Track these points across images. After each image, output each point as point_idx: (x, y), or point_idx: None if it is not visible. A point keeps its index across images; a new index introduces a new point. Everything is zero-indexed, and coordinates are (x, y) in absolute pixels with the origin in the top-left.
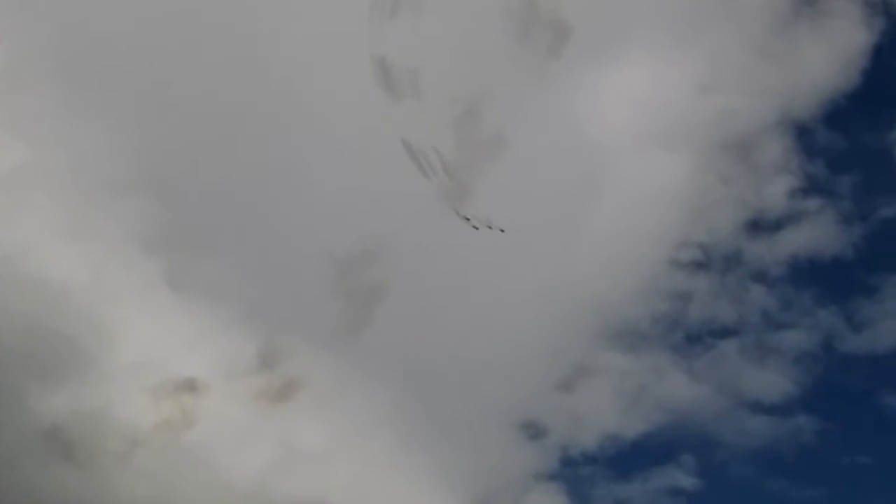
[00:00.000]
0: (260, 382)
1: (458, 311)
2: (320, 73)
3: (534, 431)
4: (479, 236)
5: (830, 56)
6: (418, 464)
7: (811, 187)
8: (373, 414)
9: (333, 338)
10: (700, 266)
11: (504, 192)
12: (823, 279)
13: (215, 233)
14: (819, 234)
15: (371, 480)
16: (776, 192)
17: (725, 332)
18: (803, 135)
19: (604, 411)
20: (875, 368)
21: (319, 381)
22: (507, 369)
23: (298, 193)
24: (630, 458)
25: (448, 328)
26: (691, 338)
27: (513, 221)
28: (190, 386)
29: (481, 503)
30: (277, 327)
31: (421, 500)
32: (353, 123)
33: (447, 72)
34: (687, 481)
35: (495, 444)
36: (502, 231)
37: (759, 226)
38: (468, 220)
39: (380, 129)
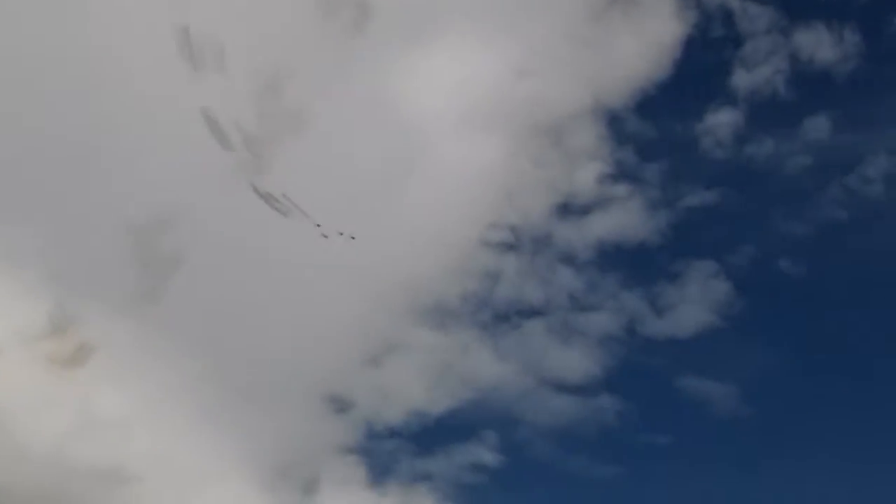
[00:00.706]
0: (51, 347)
1: (264, 285)
2: (120, 38)
3: (339, 405)
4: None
5: (643, 46)
6: (220, 434)
7: (620, 174)
8: (175, 383)
9: (130, 305)
10: (510, 247)
11: (311, 167)
12: (629, 264)
13: (8, 199)
14: (626, 219)
15: (171, 449)
16: (586, 177)
17: (532, 313)
18: (614, 122)
19: (410, 387)
20: (675, 351)
21: (118, 349)
22: (314, 343)
23: (94, 159)
24: (434, 433)
25: (253, 301)
26: (499, 317)
27: (321, 197)
28: None
29: (280, 474)
30: (71, 293)
31: (221, 469)
32: (153, 91)
33: (251, 44)
34: (489, 457)
35: (300, 416)
36: (353, 238)
37: (569, 210)
38: (319, 226)
39: (181, 99)
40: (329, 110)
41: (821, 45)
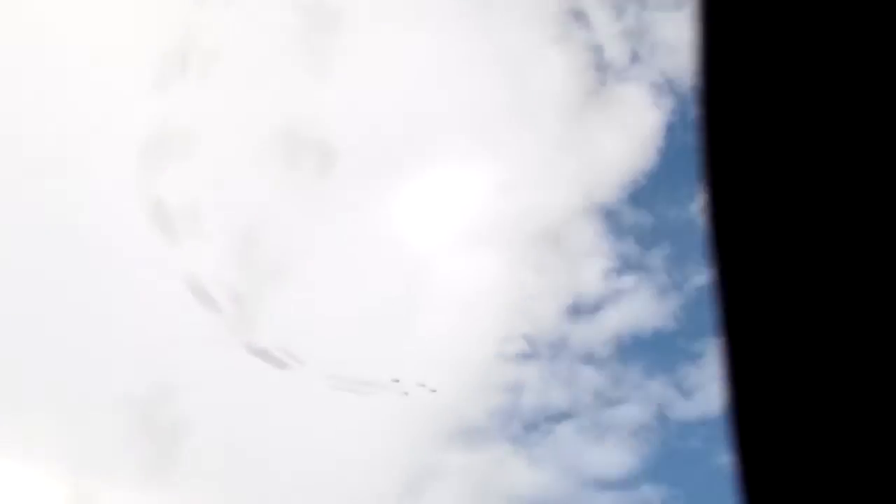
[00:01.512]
0: None
1: (277, 441)
2: (96, 211)
3: None
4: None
5: (625, 139)
6: None
7: (624, 266)
8: None
9: (141, 478)
10: (527, 357)
11: (309, 317)
12: (649, 352)
13: (18, 386)
14: (638, 309)
15: None
16: (591, 275)
17: (561, 416)
18: (610, 217)
19: None
20: (709, 430)
21: None
22: (346, 482)
23: (88, 337)
24: None
25: (268, 457)
26: (528, 426)
27: (331, 344)
28: None
29: None
30: (85, 473)
31: None
32: (135, 261)
33: (225, 204)
34: None
35: None
36: (434, 390)
37: (580, 309)
38: (397, 381)
39: (162, 267)
40: (319, 256)
41: None
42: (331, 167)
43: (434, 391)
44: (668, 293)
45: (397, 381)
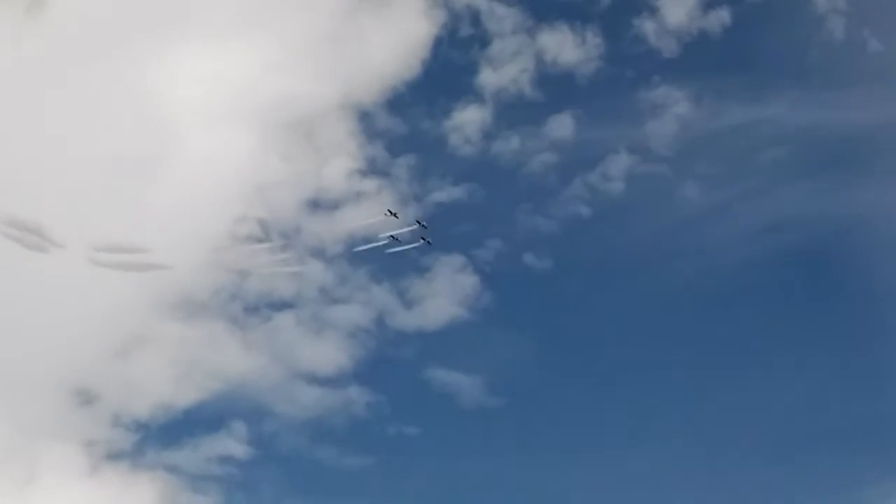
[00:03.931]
0: None
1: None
2: None
3: (86, 398)
4: None
5: (393, 45)
6: None
7: (370, 169)
8: None
9: None
10: (259, 241)
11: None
12: (378, 258)
13: None
14: (377, 214)
15: None
16: (336, 172)
17: (282, 306)
18: (365, 119)
19: (158, 380)
20: (423, 344)
21: None
22: (61, 336)
23: None
24: (182, 425)
25: None
26: (249, 310)
27: (63, 189)
28: None
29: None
30: None
31: None
32: None
33: None
34: (238, 449)
35: (39, 408)
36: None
37: (319, 204)
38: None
39: None
40: (60, 105)
41: (564, 46)
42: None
43: (167, 267)
44: (407, 203)
45: (125, 248)
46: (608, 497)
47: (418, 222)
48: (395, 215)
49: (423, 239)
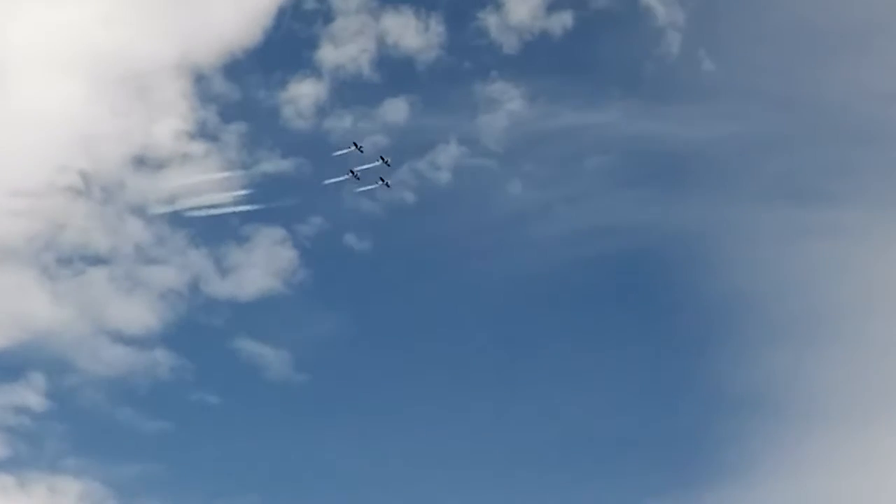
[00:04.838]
0: None
1: None
2: None
3: None
4: None
5: (237, 10)
6: None
7: (199, 132)
8: None
9: None
10: (79, 193)
11: None
12: (198, 223)
13: None
14: (201, 175)
15: None
16: (165, 131)
17: (97, 260)
18: (200, 81)
19: None
20: (235, 313)
21: None
22: None
23: None
24: None
25: None
26: (62, 261)
27: None
28: None
29: None
30: None
31: None
32: None
33: None
34: (34, 400)
35: None
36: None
37: (144, 162)
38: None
39: None
40: None
41: (407, 30)
42: None
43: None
44: (234, 170)
45: None
46: (400, 476)
47: (382, 158)
48: (360, 149)
49: (382, 180)
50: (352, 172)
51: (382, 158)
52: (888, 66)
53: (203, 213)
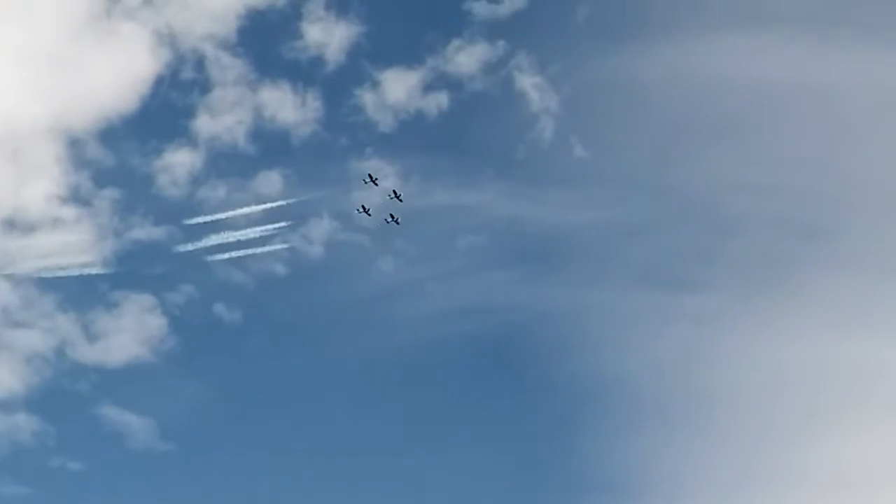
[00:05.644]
0: None
1: None
2: None
3: None
4: None
5: (115, 76)
6: None
7: (72, 197)
8: None
9: None
10: None
11: None
12: (69, 286)
13: None
14: (73, 242)
15: None
16: (36, 194)
17: None
18: (74, 145)
19: None
20: (101, 380)
21: None
22: None
23: None
24: None
25: None
26: None
27: None
28: None
29: None
30: None
31: None
32: None
33: None
34: None
35: None
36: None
37: (14, 225)
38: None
39: None
40: None
41: (284, 104)
42: None
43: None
44: (106, 236)
45: None
46: None
47: (394, 193)
48: (375, 182)
49: (392, 217)
50: (363, 209)
51: (395, 193)
52: (755, 159)
53: (72, 275)
